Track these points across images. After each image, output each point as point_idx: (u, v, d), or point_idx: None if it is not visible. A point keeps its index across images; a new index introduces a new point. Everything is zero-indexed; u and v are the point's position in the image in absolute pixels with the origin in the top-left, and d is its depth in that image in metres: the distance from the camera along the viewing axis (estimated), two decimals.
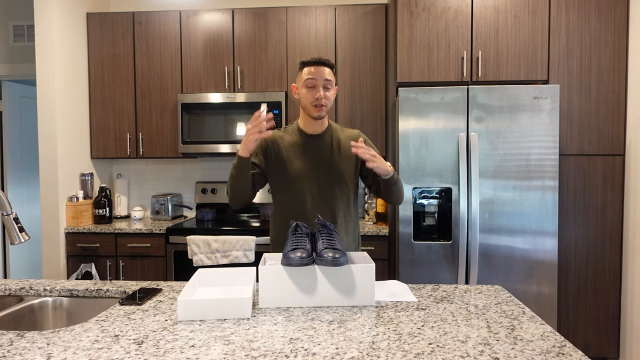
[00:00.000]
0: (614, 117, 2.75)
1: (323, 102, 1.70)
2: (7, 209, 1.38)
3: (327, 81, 1.70)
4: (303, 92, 1.72)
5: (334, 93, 1.75)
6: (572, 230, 2.79)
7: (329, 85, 1.71)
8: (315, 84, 1.69)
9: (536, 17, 2.73)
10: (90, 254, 3.04)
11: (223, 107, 3.16)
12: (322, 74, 1.69)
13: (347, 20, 3.16)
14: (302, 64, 1.73)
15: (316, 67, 1.70)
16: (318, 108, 1.70)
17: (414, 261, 2.63)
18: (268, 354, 1.01)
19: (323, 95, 1.69)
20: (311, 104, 1.71)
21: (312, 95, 1.70)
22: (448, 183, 2.61)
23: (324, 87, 1.70)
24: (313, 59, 1.71)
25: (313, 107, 1.71)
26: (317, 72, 1.69)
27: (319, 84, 1.69)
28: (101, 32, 3.33)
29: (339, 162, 1.77)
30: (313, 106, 1.71)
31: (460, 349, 1.03)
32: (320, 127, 1.80)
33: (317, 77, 1.69)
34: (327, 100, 1.71)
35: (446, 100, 2.60)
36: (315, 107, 1.70)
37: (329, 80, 1.70)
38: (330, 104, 1.74)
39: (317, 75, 1.69)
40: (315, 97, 1.69)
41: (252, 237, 2.83)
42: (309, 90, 1.71)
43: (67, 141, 3.14)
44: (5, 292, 1.59)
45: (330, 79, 1.71)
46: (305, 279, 1.34)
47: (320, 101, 1.69)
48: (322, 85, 1.69)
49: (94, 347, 1.06)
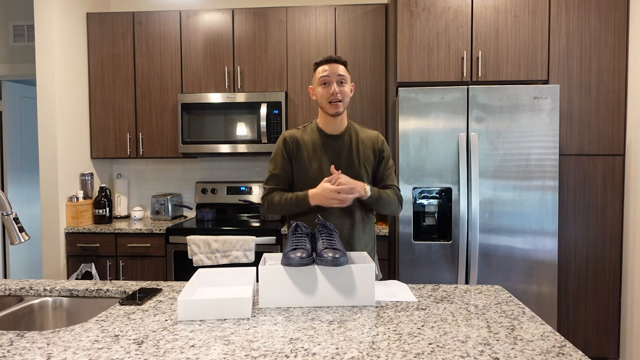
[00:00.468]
0: (614, 117, 2.75)
1: (339, 97, 1.71)
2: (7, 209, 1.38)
3: (340, 76, 1.71)
4: (319, 91, 1.74)
5: (350, 89, 1.76)
6: (572, 230, 2.79)
7: (343, 80, 1.72)
8: (328, 80, 1.71)
9: (536, 17, 2.73)
10: (90, 254, 3.04)
11: (223, 107, 3.16)
12: (336, 70, 1.71)
13: (347, 20, 3.16)
14: (316, 64, 1.77)
15: (329, 64, 1.72)
16: (334, 105, 1.72)
17: (414, 261, 2.63)
18: (268, 354, 1.01)
19: (338, 90, 1.70)
20: (327, 100, 1.72)
21: (327, 91, 1.71)
22: (448, 183, 2.61)
23: (338, 83, 1.72)
24: (325, 58, 1.74)
25: (329, 104, 1.72)
26: (330, 69, 1.71)
27: (333, 79, 1.71)
28: (101, 32, 3.33)
29: (357, 163, 1.77)
30: (329, 103, 1.72)
31: (460, 349, 1.03)
32: (340, 126, 1.80)
33: (331, 74, 1.71)
34: (342, 95, 1.72)
35: (446, 100, 2.60)
36: (331, 104, 1.72)
37: (343, 76, 1.72)
38: (347, 99, 1.75)
39: (330, 71, 1.71)
40: (330, 92, 1.70)
41: (252, 237, 2.83)
42: (324, 87, 1.72)
43: (67, 141, 3.14)
44: (5, 292, 1.59)
45: (344, 74, 1.73)
46: (305, 279, 1.34)
47: (336, 96, 1.70)
48: (336, 81, 1.71)
49: (94, 347, 1.06)
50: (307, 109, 3.21)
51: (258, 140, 3.14)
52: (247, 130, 3.15)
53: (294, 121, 3.21)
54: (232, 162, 3.63)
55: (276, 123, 3.11)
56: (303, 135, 1.81)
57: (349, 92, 1.75)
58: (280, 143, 1.81)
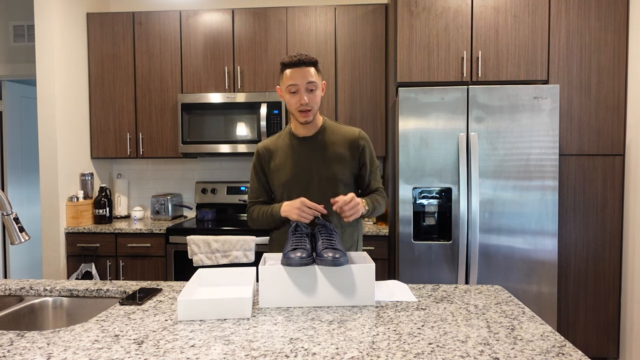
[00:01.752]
0: (614, 117, 2.75)
1: (308, 107, 1.61)
2: (7, 209, 1.38)
3: (310, 83, 1.59)
4: (287, 98, 1.64)
5: (320, 93, 1.65)
6: (572, 230, 2.79)
7: (312, 87, 1.60)
8: (297, 89, 1.60)
9: (536, 17, 2.74)
10: (90, 254, 3.04)
11: (223, 107, 3.16)
12: (305, 76, 1.59)
13: (347, 20, 3.16)
14: (282, 65, 1.62)
15: (297, 68, 1.59)
16: (304, 114, 1.62)
17: (414, 261, 2.63)
18: (268, 354, 1.01)
19: (307, 100, 1.60)
20: (296, 109, 1.63)
21: (296, 100, 1.61)
22: (448, 183, 2.61)
23: (307, 90, 1.60)
24: (292, 60, 1.59)
25: (299, 112, 1.63)
26: (297, 75, 1.59)
27: (301, 88, 1.59)
28: (101, 32, 3.33)
29: (330, 165, 1.70)
30: (299, 112, 1.63)
31: (460, 349, 1.03)
32: (312, 128, 1.72)
33: (299, 82, 1.59)
34: (313, 103, 1.62)
35: (446, 100, 2.60)
36: (301, 113, 1.62)
37: (312, 82, 1.60)
38: (317, 105, 1.64)
39: (297, 79, 1.59)
40: (299, 102, 1.60)
41: (252, 237, 2.83)
42: (292, 95, 1.62)
43: (67, 141, 3.14)
44: (5, 292, 1.59)
45: (313, 80, 1.60)
46: (305, 279, 1.34)
47: (305, 106, 1.61)
48: (305, 89, 1.59)
49: (94, 347, 1.06)
50: None
51: (258, 140, 3.14)
52: (247, 130, 3.15)
53: None
54: (232, 162, 3.63)
55: (276, 123, 3.11)
56: (277, 142, 1.77)
57: (319, 99, 1.64)
58: (255, 156, 1.80)
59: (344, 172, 1.72)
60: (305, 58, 1.59)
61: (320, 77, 1.66)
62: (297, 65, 1.59)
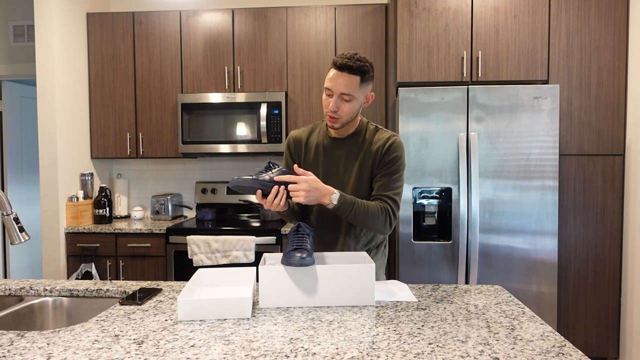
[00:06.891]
0: (614, 117, 2.75)
1: (336, 115, 1.53)
2: (7, 209, 1.38)
3: (344, 95, 1.50)
4: (323, 96, 1.57)
5: (356, 105, 1.54)
6: (572, 230, 2.79)
7: (347, 98, 1.51)
8: (331, 93, 1.53)
9: (536, 17, 2.73)
10: (90, 254, 3.04)
11: (223, 107, 3.16)
12: (342, 85, 1.49)
13: (347, 20, 3.16)
14: (333, 63, 1.53)
15: (339, 72, 1.49)
16: (331, 119, 1.55)
17: (414, 261, 2.63)
18: (268, 354, 1.01)
19: (336, 108, 1.52)
20: (326, 112, 1.56)
21: (327, 104, 1.55)
22: (448, 183, 2.61)
23: (342, 99, 1.52)
24: (338, 62, 1.49)
25: (327, 115, 1.56)
26: (336, 81, 1.50)
27: (335, 93, 1.51)
28: (101, 32, 3.33)
29: (357, 168, 1.61)
30: (327, 115, 1.56)
31: (460, 349, 1.03)
32: (344, 131, 1.63)
33: (334, 89, 1.50)
34: (342, 113, 1.53)
35: (446, 100, 2.60)
36: (329, 117, 1.56)
37: (347, 94, 1.50)
38: (347, 116, 1.54)
39: (334, 86, 1.50)
40: (329, 107, 1.53)
41: (252, 237, 2.83)
42: (326, 97, 1.55)
43: (67, 141, 3.14)
44: (5, 292, 1.59)
45: (349, 92, 1.49)
46: (306, 279, 1.34)
47: (333, 114, 1.53)
48: (339, 97, 1.51)
49: (94, 347, 1.06)
50: (307, 109, 3.21)
51: (258, 140, 3.14)
52: (247, 130, 3.15)
53: (294, 121, 3.21)
54: (232, 162, 3.63)
55: (276, 123, 3.11)
56: (310, 135, 1.71)
57: (354, 110, 1.54)
58: (285, 145, 1.75)
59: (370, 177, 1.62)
60: (353, 64, 1.48)
61: (368, 86, 1.55)
62: (340, 69, 1.49)
